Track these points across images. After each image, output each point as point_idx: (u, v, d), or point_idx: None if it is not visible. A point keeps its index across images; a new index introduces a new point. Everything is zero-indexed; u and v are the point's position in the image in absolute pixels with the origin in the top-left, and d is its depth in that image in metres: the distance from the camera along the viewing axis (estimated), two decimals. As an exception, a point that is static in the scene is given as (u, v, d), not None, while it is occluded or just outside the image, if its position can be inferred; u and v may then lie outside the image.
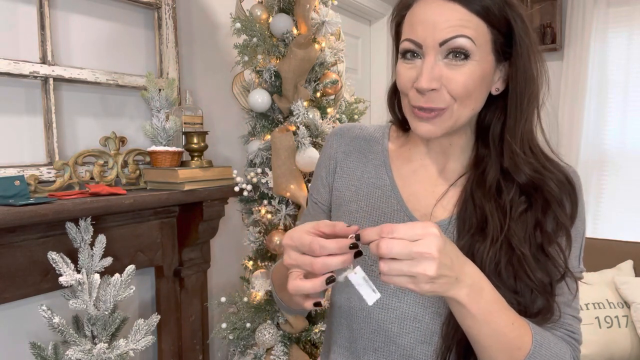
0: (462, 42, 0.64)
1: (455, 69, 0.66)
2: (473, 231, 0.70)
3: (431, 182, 0.78)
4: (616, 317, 2.16)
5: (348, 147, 0.84)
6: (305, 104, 1.57)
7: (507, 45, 0.68)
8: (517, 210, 0.70)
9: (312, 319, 1.68)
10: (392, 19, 0.75)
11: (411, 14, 0.68)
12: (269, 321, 1.62)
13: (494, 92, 0.72)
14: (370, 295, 0.57)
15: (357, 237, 0.57)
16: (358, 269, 0.57)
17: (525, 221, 0.69)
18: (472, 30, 0.65)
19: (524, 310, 0.68)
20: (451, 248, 0.58)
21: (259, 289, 1.62)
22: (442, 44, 0.65)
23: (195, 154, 1.57)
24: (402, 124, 0.83)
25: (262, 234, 1.67)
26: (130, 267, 1.28)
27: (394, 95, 0.82)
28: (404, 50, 0.69)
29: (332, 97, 1.70)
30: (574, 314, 0.73)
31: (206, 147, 1.59)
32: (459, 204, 0.74)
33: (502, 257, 0.68)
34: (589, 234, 2.98)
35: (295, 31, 1.56)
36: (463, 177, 0.77)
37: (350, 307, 0.77)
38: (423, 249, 0.53)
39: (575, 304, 0.73)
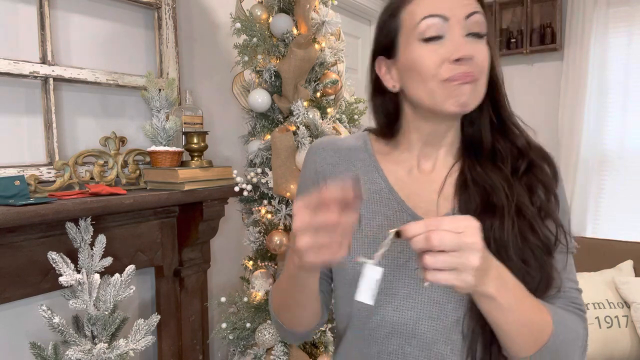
0: (481, 17, 0.70)
1: (478, 44, 0.70)
2: (479, 211, 0.71)
3: (427, 178, 0.79)
4: (616, 317, 2.17)
5: (333, 159, 0.83)
6: (305, 104, 1.57)
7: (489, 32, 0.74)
8: (518, 174, 0.73)
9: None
10: (387, 9, 0.76)
11: (417, 1, 0.71)
12: (269, 321, 1.62)
13: None
14: (367, 294, 0.58)
15: (398, 234, 0.58)
16: (380, 269, 0.58)
17: (524, 186, 0.73)
18: (482, 9, 0.71)
19: (531, 283, 0.69)
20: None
21: (259, 289, 1.62)
22: (467, 16, 0.69)
23: (195, 154, 1.57)
24: (386, 130, 0.83)
25: (262, 234, 1.67)
26: (130, 267, 1.28)
27: (381, 101, 0.81)
28: (427, 27, 0.69)
29: (332, 97, 1.70)
30: (575, 287, 0.75)
31: (206, 147, 1.59)
32: (459, 190, 0.76)
33: (514, 225, 0.69)
34: (589, 234, 2.99)
35: (295, 31, 1.56)
36: (456, 165, 0.79)
37: (364, 315, 0.76)
38: (470, 239, 0.55)
39: (573, 276, 0.76)
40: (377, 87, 0.81)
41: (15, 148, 1.32)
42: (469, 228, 0.56)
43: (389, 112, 0.81)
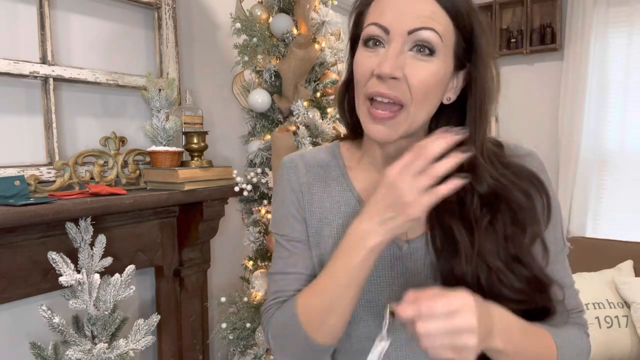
0: (430, 35, 0.62)
1: (419, 63, 0.63)
2: (446, 252, 0.69)
3: None
4: (616, 317, 2.16)
5: (308, 178, 0.79)
6: (305, 103, 1.57)
7: (466, 54, 0.67)
8: (482, 223, 0.67)
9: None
10: (354, 7, 0.72)
11: (380, 1, 0.66)
12: (269, 321, 1.62)
13: (445, 101, 0.69)
14: None
15: (392, 314, 0.58)
16: (388, 341, 0.61)
17: (494, 233, 0.67)
18: (441, 26, 0.63)
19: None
20: (482, 308, 0.58)
21: (259, 289, 1.62)
22: (410, 32, 0.62)
23: (195, 154, 1.57)
24: (351, 129, 0.80)
25: (262, 234, 1.67)
26: (130, 267, 1.28)
27: (345, 94, 0.78)
28: (367, 36, 0.65)
29: (332, 97, 1.70)
30: (572, 291, 0.74)
31: (206, 147, 1.59)
32: (429, 217, 0.71)
33: (481, 274, 0.66)
34: (589, 234, 2.99)
35: (295, 31, 1.56)
36: None
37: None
38: (463, 323, 0.55)
39: (569, 278, 0.74)
40: (349, 78, 0.76)
41: (15, 148, 1.32)
42: (462, 308, 0.55)
43: (352, 108, 0.76)
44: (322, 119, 1.62)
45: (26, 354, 1.22)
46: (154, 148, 1.49)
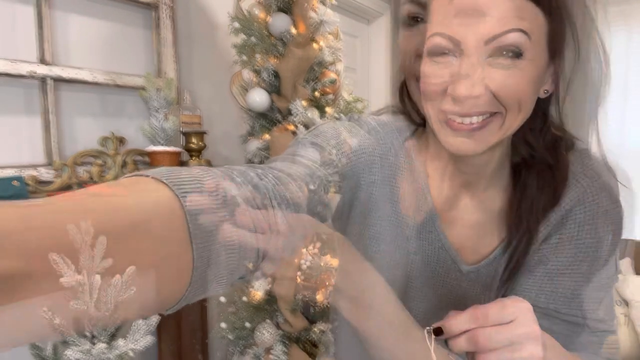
0: (515, 37, 0.48)
1: (504, 70, 0.49)
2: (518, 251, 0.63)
3: (469, 210, 0.65)
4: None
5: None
6: (303, 103, 1.57)
7: (561, 36, 0.53)
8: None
9: (311, 318, 1.68)
10: None
11: None
12: (268, 320, 1.62)
13: (542, 95, 0.56)
14: None
15: (437, 332, 0.49)
16: None
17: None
18: (528, 22, 0.48)
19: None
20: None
21: (258, 289, 1.62)
22: (488, 41, 0.49)
23: (194, 154, 1.57)
24: (414, 120, 0.68)
25: (261, 233, 1.67)
26: (131, 268, 1.28)
27: (404, 85, 0.66)
28: (432, 48, 0.52)
29: (331, 96, 1.70)
30: (602, 329, 0.66)
31: (205, 146, 1.59)
32: (508, 225, 0.64)
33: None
34: (588, 232, 2.99)
35: (293, 30, 1.56)
36: (503, 202, 0.65)
37: None
38: (524, 329, 0.46)
39: (604, 314, 0.66)
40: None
41: (13, 148, 1.32)
42: (520, 314, 0.46)
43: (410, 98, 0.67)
44: (321, 118, 1.62)
45: (26, 354, 1.22)
46: (152, 148, 1.49)
